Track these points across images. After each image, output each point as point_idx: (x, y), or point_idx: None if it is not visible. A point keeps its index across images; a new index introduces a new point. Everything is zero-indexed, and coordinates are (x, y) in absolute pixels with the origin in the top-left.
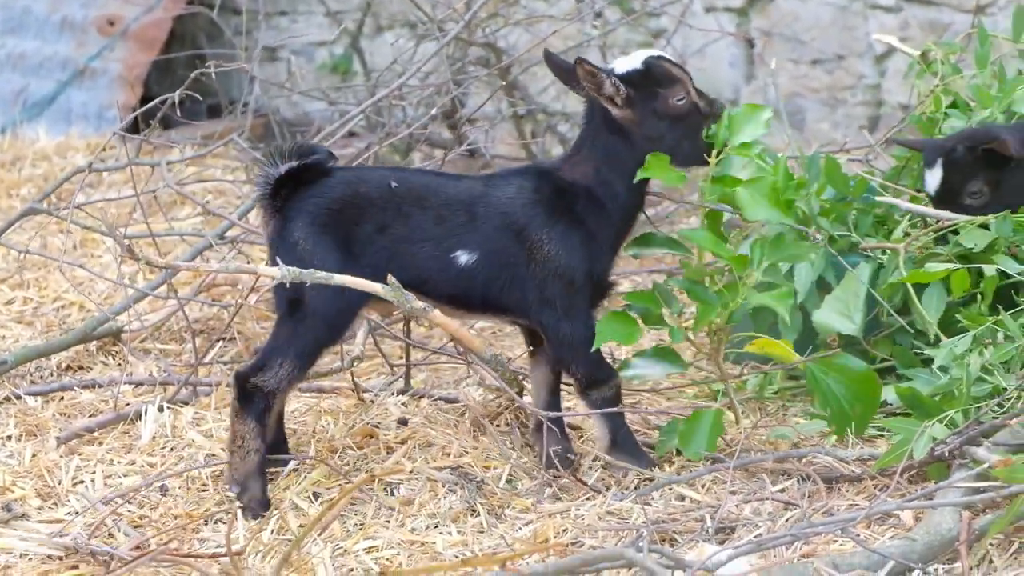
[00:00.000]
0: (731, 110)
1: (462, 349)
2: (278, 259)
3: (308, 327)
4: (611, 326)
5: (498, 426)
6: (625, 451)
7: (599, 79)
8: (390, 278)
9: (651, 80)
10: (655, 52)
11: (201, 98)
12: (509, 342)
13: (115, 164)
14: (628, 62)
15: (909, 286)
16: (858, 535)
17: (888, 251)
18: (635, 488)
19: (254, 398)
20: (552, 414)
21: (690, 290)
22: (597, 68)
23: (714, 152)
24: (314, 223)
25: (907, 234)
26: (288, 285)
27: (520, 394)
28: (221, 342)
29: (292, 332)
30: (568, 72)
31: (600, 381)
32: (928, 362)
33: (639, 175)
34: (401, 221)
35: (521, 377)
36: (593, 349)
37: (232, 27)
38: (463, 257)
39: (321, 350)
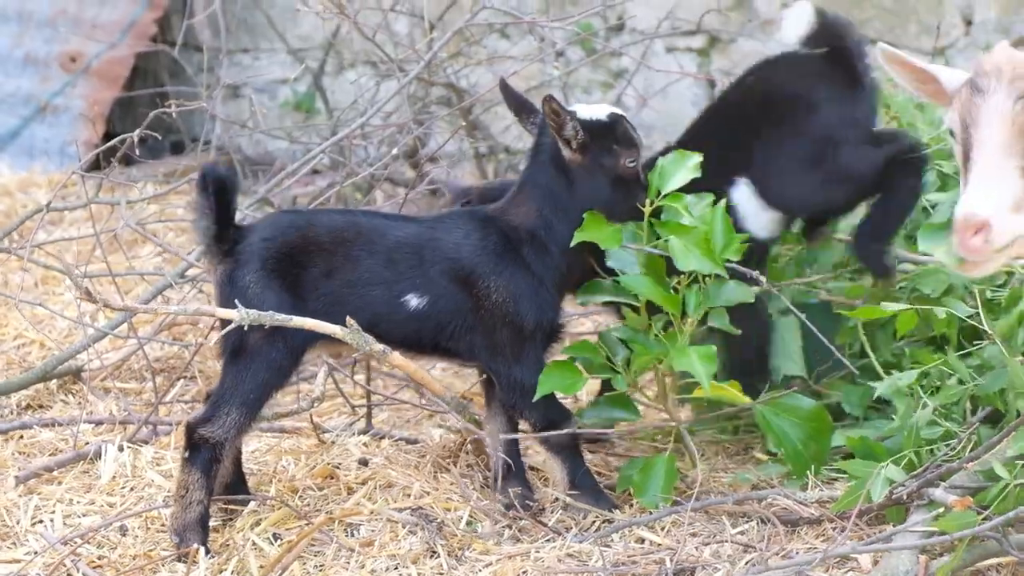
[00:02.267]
0: (662, 158)
1: (423, 393)
2: (236, 301)
3: (252, 372)
4: (553, 375)
5: (458, 467)
6: (585, 492)
7: (562, 119)
8: (349, 320)
9: (610, 135)
10: (618, 110)
11: (160, 137)
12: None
13: (74, 203)
14: (593, 111)
15: (860, 326)
16: None
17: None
18: (595, 529)
19: (201, 449)
20: (512, 437)
21: (631, 340)
22: (562, 108)
23: (648, 201)
24: (263, 267)
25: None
26: (231, 330)
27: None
28: (182, 381)
29: (237, 379)
30: (521, 104)
31: (555, 423)
32: (879, 403)
33: (575, 238)
34: (350, 265)
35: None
36: (535, 398)
37: (194, 64)
38: (413, 300)
39: (267, 395)
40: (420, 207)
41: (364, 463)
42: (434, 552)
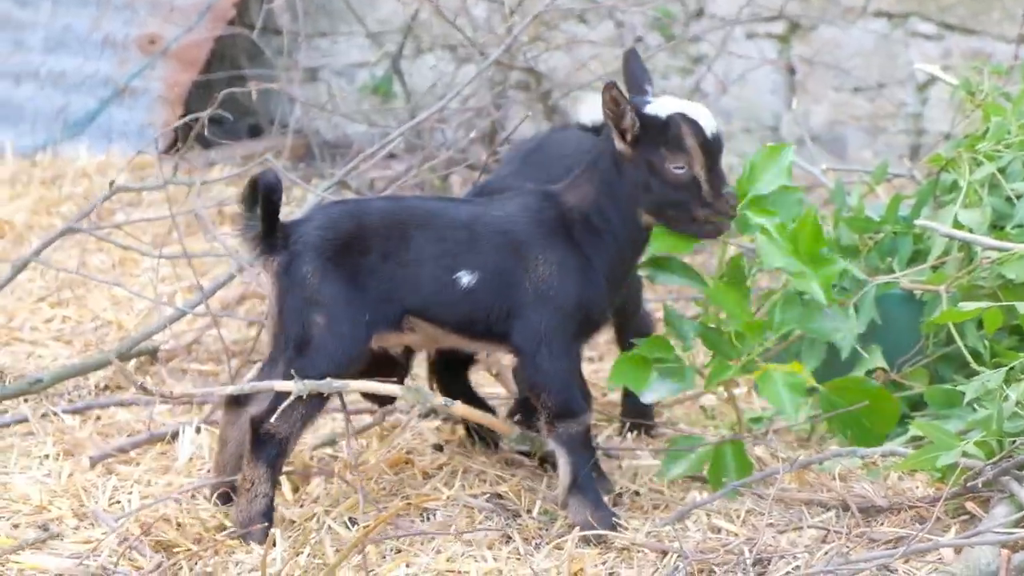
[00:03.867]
0: (753, 156)
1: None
2: (287, 303)
3: (316, 366)
4: (625, 368)
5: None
6: (584, 496)
7: (621, 109)
8: (407, 381)
9: (661, 136)
10: (692, 112)
11: (232, 118)
12: None
13: (150, 184)
14: (656, 106)
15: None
16: (895, 570)
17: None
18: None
19: (267, 444)
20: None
21: (705, 336)
22: (622, 97)
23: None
24: (321, 257)
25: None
26: (294, 322)
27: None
28: (258, 362)
29: (300, 374)
30: (636, 82)
31: (569, 415)
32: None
33: (654, 246)
34: (404, 245)
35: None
36: (560, 384)
37: (273, 47)
38: (465, 278)
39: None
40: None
41: (439, 448)
42: (510, 538)
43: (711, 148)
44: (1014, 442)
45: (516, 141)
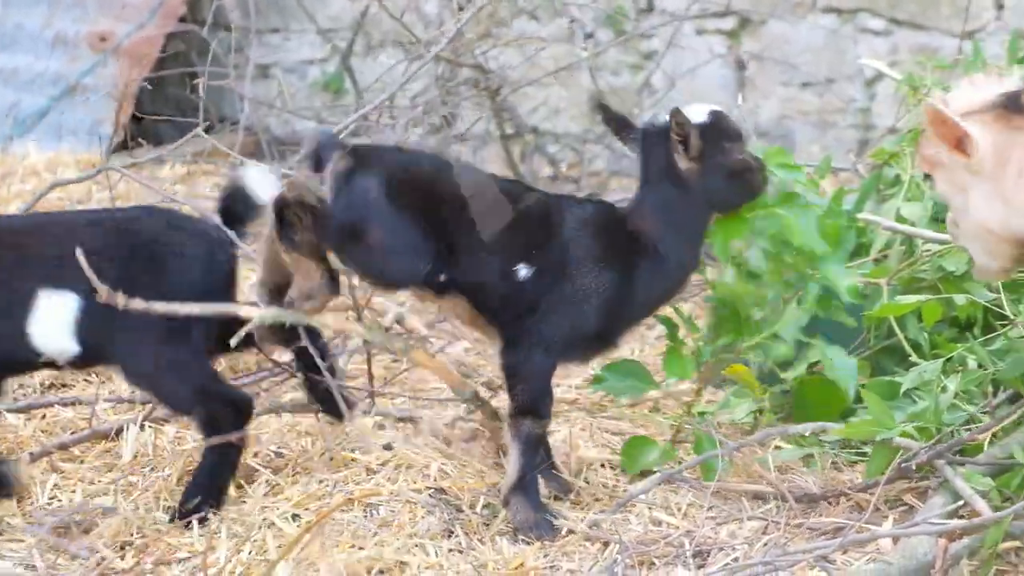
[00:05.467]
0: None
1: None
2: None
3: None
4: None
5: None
6: (526, 498)
7: (687, 130)
8: (366, 316)
9: (720, 133)
10: (710, 105)
11: (184, 117)
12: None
13: (86, 173)
14: (688, 113)
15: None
16: (833, 560)
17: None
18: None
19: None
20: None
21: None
22: (687, 119)
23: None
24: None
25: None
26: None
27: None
28: None
29: None
30: (620, 122)
31: (536, 415)
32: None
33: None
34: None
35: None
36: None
37: (224, 44)
38: (523, 271)
39: None
40: None
41: (388, 448)
42: (452, 532)
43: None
44: (952, 433)
45: None
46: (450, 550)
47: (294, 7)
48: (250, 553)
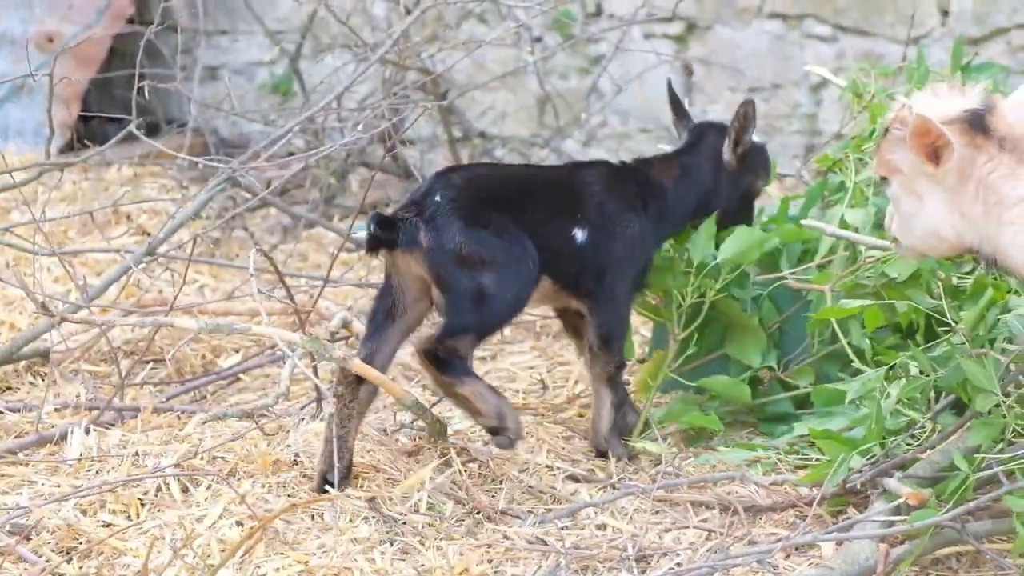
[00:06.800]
0: None
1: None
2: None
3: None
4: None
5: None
6: (619, 438)
7: (749, 128)
8: (307, 331)
9: (761, 159)
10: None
11: (132, 118)
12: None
13: (23, 179)
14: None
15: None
16: (776, 566)
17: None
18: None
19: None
20: None
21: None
22: (753, 117)
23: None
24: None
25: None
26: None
27: (444, 434)
28: (152, 363)
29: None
30: (682, 109)
31: (622, 366)
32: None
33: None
34: (531, 207)
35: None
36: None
37: (172, 46)
38: (579, 235)
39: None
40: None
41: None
42: (397, 536)
43: None
44: (894, 441)
45: None
46: (394, 555)
47: (242, 9)
48: (193, 558)
